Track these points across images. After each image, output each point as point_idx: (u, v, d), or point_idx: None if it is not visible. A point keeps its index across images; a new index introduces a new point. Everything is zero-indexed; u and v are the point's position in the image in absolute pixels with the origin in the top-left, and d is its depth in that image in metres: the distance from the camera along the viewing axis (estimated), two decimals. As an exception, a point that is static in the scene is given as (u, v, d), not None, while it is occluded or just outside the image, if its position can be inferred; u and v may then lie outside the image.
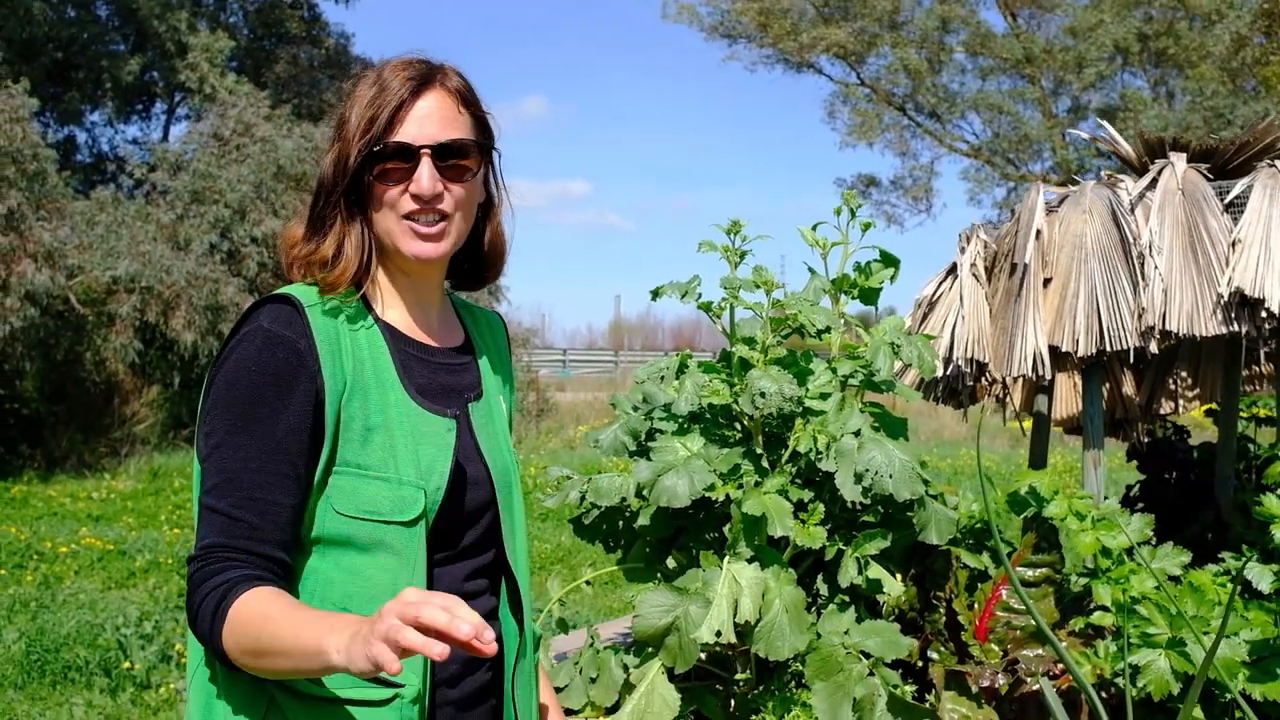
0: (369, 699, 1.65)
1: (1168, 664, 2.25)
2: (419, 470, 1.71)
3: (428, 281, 1.87)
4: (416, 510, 1.70)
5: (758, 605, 2.24)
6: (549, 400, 21.97)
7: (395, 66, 1.77)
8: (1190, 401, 4.15)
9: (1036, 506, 2.66)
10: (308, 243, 1.78)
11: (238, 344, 1.67)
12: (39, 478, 14.12)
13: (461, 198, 1.79)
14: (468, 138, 1.79)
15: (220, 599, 1.55)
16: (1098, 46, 24.96)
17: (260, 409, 1.62)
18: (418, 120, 1.74)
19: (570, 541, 10.07)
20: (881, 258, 2.65)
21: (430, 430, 1.75)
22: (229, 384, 1.64)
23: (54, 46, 20.72)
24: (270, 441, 1.62)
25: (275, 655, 1.50)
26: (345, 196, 1.75)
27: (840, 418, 2.40)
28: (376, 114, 1.72)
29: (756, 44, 28.22)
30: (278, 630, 1.49)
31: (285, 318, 1.67)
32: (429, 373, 1.83)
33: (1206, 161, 3.11)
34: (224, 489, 1.61)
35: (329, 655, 1.41)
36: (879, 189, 29.69)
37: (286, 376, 1.64)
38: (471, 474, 1.82)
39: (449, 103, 1.78)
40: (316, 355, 1.65)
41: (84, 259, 14.88)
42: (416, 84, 1.75)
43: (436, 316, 1.91)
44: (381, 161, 1.73)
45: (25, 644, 6.48)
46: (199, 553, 1.60)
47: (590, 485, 2.54)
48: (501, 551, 1.89)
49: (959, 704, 2.29)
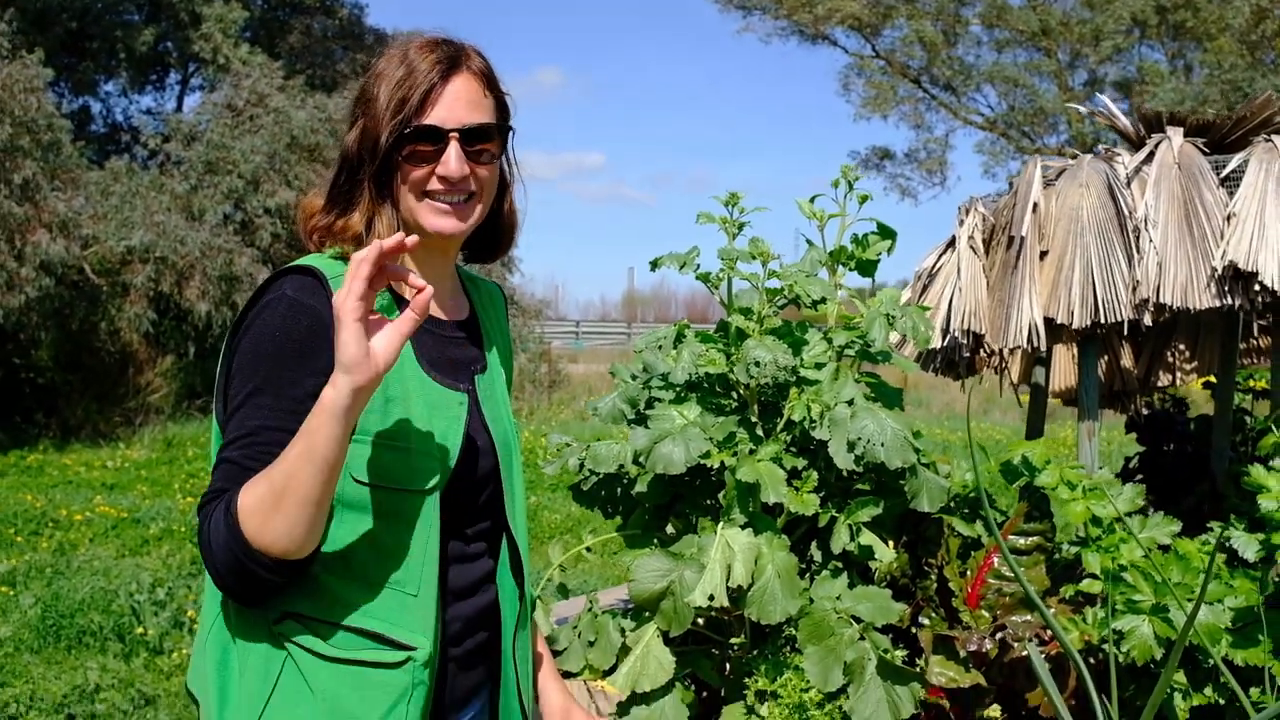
0: (384, 660, 1.70)
1: (1151, 629, 2.29)
2: (434, 442, 1.76)
3: (443, 257, 1.92)
4: (432, 480, 1.75)
5: (750, 570, 2.28)
6: (561, 371, 22.03)
7: (421, 48, 1.81)
8: (1188, 374, 4.17)
9: (1029, 476, 2.69)
10: (327, 214, 1.83)
11: (261, 310, 1.71)
12: (54, 446, 14.24)
13: (485, 179, 1.85)
14: (492, 122, 1.84)
15: (225, 504, 1.60)
16: (1115, 19, 24.80)
17: (283, 373, 1.67)
18: (447, 104, 1.79)
19: (579, 512, 10.13)
20: (879, 230, 2.68)
21: (443, 403, 1.81)
22: (253, 349, 1.69)
23: (68, 16, 20.75)
24: (290, 403, 1.66)
25: (297, 480, 1.56)
26: (374, 175, 1.80)
27: (834, 387, 2.44)
28: (408, 96, 1.76)
29: (771, 15, 28.11)
30: (279, 466, 1.57)
31: (309, 287, 1.72)
32: (439, 346, 1.88)
33: (1203, 136, 3.13)
34: (239, 443, 1.65)
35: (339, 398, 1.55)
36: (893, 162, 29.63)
37: (310, 343, 1.68)
38: (480, 444, 1.87)
39: (475, 86, 1.82)
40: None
41: (98, 229, 14.96)
42: (446, 67, 1.79)
43: (448, 291, 1.96)
44: (412, 143, 1.78)
45: (41, 609, 6.58)
46: (207, 499, 1.65)
47: (589, 452, 2.59)
48: (502, 516, 1.94)
49: (947, 667, 2.34)
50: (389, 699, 1.70)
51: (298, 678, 1.69)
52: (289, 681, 1.69)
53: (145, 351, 16.71)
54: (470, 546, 1.89)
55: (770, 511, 2.42)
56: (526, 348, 20.48)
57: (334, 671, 1.69)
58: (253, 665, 1.70)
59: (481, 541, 1.92)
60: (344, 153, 1.83)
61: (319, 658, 1.69)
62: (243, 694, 1.70)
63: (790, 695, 2.27)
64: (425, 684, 1.73)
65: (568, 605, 3.04)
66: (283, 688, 1.69)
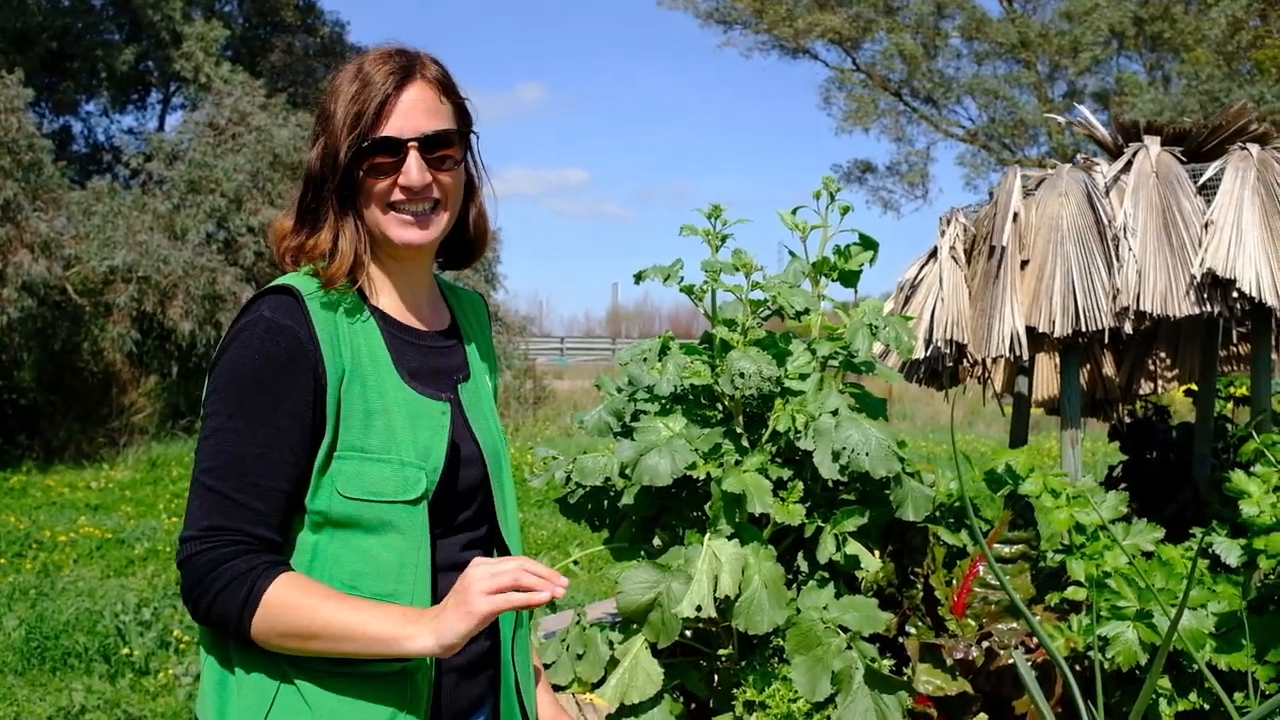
0: (380, 672, 1.71)
1: (1135, 635, 2.31)
2: (418, 451, 1.77)
3: (418, 266, 1.93)
4: (419, 490, 1.76)
5: (737, 581, 2.29)
6: (546, 388, 22.02)
7: (375, 60, 1.82)
8: (1170, 382, 4.20)
9: (1013, 484, 2.71)
10: (298, 235, 1.83)
11: (239, 332, 1.71)
12: (38, 468, 14.16)
13: (449, 185, 1.85)
14: (451, 127, 1.84)
15: (249, 585, 1.63)
16: (1093, 30, 24.95)
17: (263, 396, 1.67)
18: (403, 114, 1.79)
19: (566, 528, 10.13)
20: (860, 241, 2.69)
21: (426, 413, 1.81)
22: (231, 371, 1.69)
23: (48, 36, 20.70)
24: (273, 428, 1.67)
25: (328, 639, 1.63)
26: (336, 191, 1.80)
27: (818, 398, 2.45)
28: (363, 109, 1.77)
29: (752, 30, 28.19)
30: (332, 617, 1.63)
31: (286, 308, 1.72)
32: (420, 357, 1.88)
33: (1180, 145, 3.16)
34: (225, 471, 1.65)
35: (403, 644, 1.62)
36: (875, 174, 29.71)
37: (288, 365, 1.68)
38: (465, 453, 1.87)
39: (431, 94, 1.83)
40: (317, 344, 1.70)
41: (81, 249, 14.90)
42: (399, 77, 1.80)
43: (425, 301, 1.96)
44: (371, 156, 1.78)
45: (25, 631, 6.53)
46: (201, 533, 1.65)
47: (575, 465, 2.60)
48: (495, 525, 1.95)
49: (934, 675, 2.35)
50: (387, 711, 1.71)
51: (295, 694, 1.69)
52: (286, 699, 1.69)
53: (129, 371, 16.64)
54: (465, 554, 1.89)
55: (757, 522, 2.43)
56: (511, 364, 20.46)
57: (331, 687, 1.69)
58: (250, 684, 1.71)
59: (477, 549, 1.93)
60: (308, 171, 1.84)
61: (315, 674, 1.69)
62: (241, 711, 1.70)
63: (778, 705, 2.28)
64: (423, 695, 1.74)
65: (556, 619, 3.05)
66: (280, 704, 1.69)
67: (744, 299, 2.55)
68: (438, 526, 1.82)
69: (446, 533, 1.85)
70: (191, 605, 1.66)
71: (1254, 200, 2.88)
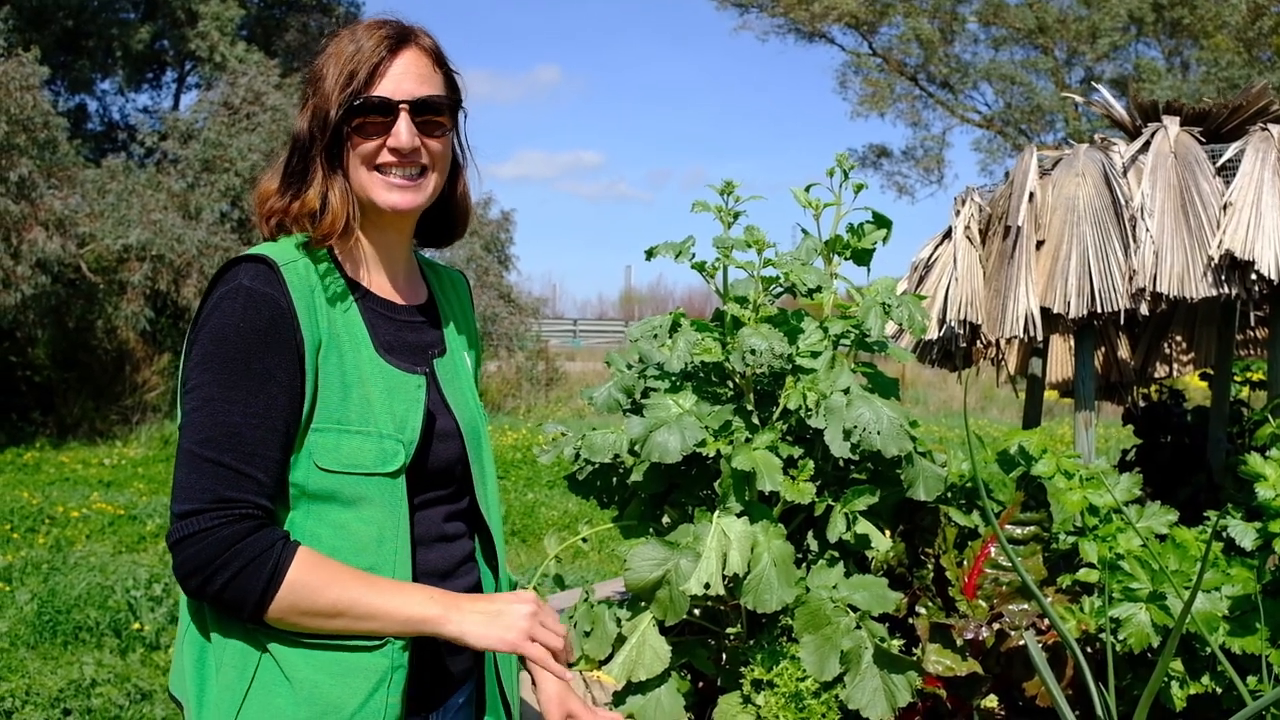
0: (361, 644, 1.70)
1: (1148, 617, 2.29)
2: (395, 424, 1.76)
3: (397, 238, 1.92)
4: (398, 462, 1.75)
5: (746, 559, 2.27)
6: (559, 370, 22.04)
7: (369, 26, 1.83)
8: (1185, 366, 4.16)
9: (1025, 465, 2.69)
10: (282, 197, 1.83)
11: (220, 301, 1.70)
12: (51, 444, 14.24)
13: (437, 152, 1.85)
14: (443, 94, 1.84)
15: (273, 564, 1.62)
16: (1112, 16, 24.80)
17: (253, 365, 1.66)
18: (395, 77, 1.80)
19: (576, 508, 10.14)
20: (874, 219, 2.67)
21: (400, 386, 1.80)
22: (216, 340, 1.67)
23: (64, 14, 20.71)
24: (266, 398, 1.66)
25: (357, 618, 1.66)
26: (325, 150, 1.80)
27: (830, 376, 2.43)
28: (356, 69, 1.78)
29: (768, 13, 28.07)
30: (361, 598, 1.66)
31: (264, 276, 1.71)
32: (395, 330, 1.87)
33: (1199, 125, 3.12)
34: (224, 443, 1.64)
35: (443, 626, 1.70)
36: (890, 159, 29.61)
37: (273, 335, 1.68)
38: (442, 427, 1.87)
39: (424, 60, 1.84)
40: (295, 313, 1.70)
41: (95, 227, 14.95)
42: (393, 42, 1.81)
43: (403, 275, 1.95)
44: (361, 115, 1.78)
45: (37, 605, 6.57)
46: (208, 506, 1.62)
47: (584, 441, 2.58)
48: (475, 500, 1.94)
49: (944, 656, 2.33)
50: (369, 683, 1.69)
51: (275, 669, 1.68)
52: (266, 674, 1.68)
53: (142, 349, 16.72)
54: (448, 526, 1.89)
55: (766, 500, 2.41)
56: (524, 346, 20.47)
57: (311, 659, 1.68)
58: (229, 660, 1.69)
59: (459, 522, 1.93)
60: (295, 134, 1.85)
61: (296, 647, 1.68)
62: (221, 689, 1.69)
63: (786, 684, 2.27)
64: (404, 667, 1.72)
65: (564, 597, 3.04)
66: (260, 680, 1.68)
67: (756, 276, 2.53)
68: (416, 500, 1.81)
69: (426, 504, 1.85)
70: (199, 583, 1.62)
71: (1274, 181, 2.85)
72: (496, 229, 20.67)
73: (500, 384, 20.37)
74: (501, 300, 19.82)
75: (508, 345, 19.94)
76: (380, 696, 1.69)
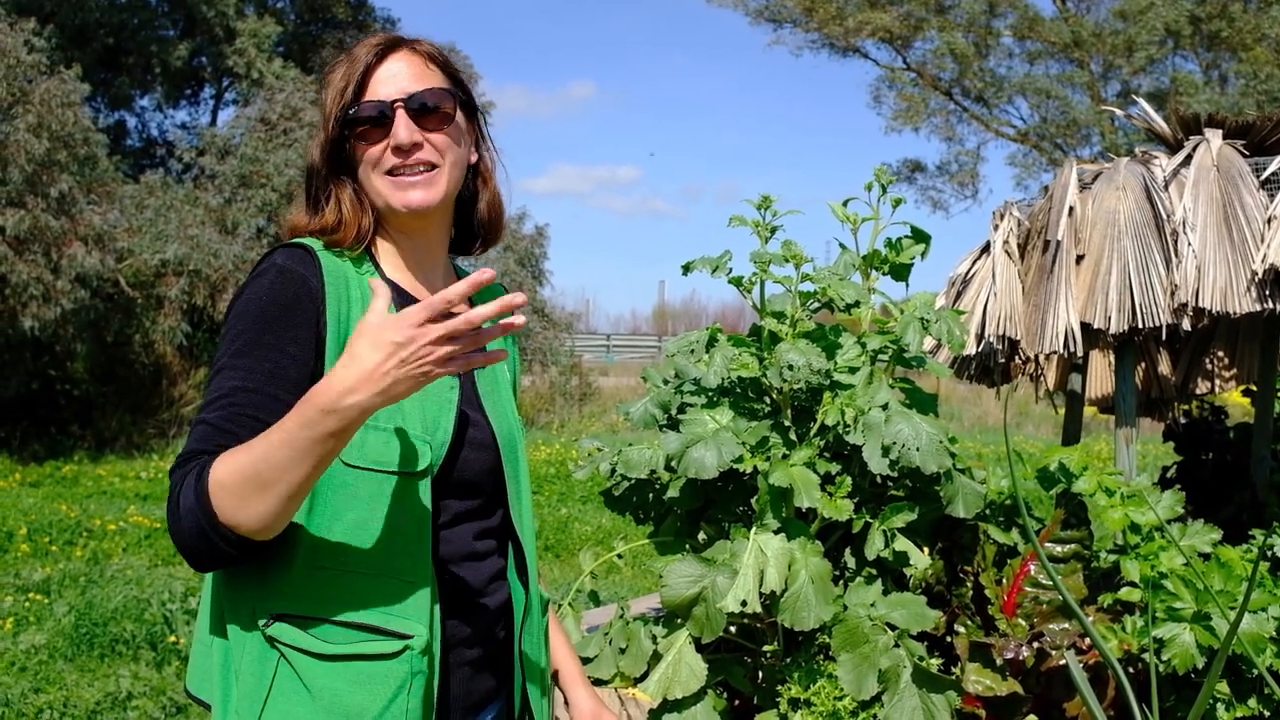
0: (380, 652, 1.68)
1: (1193, 638, 2.25)
2: (425, 424, 1.74)
3: (427, 240, 1.91)
4: (424, 462, 1.73)
5: (783, 576, 2.26)
6: (592, 385, 22.03)
7: (362, 42, 1.86)
8: (1227, 382, 4.11)
9: (1066, 482, 2.66)
10: (309, 223, 1.85)
11: (252, 280, 1.72)
12: (89, 457, 14.36)
13: (444, 144, 1.84)
14: (439, 86, 1.84)
15: (198, 472, 1.56)
16: (1148, 30, 24.60)
17: (265, 335, 1.66)
18: (386, 80, 1.81)
19: (609, 523, 10.12)
20: (913, 234, 2.65)
21: (433, 387, 1.78)
22: (239, 314, 1.69)
23: (105, 32, 20.95)
24: (270, 365, 1.65)
25: (279, 469, 1.51)
26: (334, 170, 1.81)
27: (868, 391, 2.41)
28: (347, 83, 1.79)
29: (802, 28, 28.02)
30: (266, 451, 1.51)
31: (299, 258, 1.73)
32: None
33: (1243, 138, 3.09)
34: (216, 404, 1.63)
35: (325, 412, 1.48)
36: (924, 174, 29.47)
37: (294, 308, 1.68)
38: (477, 436, 1.85)
39: (416, 60, 1.85)
40: (324, 295, 1.70)
41: (133, 242, 15.09)
42: (383, 49, 1.84)
43: (439, 279, 1.95)
44: (359, 124, 1.79)
45: (75, 617, 6.61)
46: (178, 462, 1.61)
47: (620, 457, 2.57)
48: (507, 515, 1.92)
49: (983, 675, 2.30)
50: (388, 691, 1.67)
51: (293, 678, 1.67)
52: (285, 682, 1.67)
53: (179, 364, 16.85)
54: (478, 544, 1.87)
55: (804, 517, 2.39)
56: (557, 361, 20.49)
57: (330, 669, 1.67)
58: (247, 668, 1.68)
59: (490, 539, 1.90)
60: (309, 165, 1.86)
61: (313, 656, 1.66)
62: (241, 697, 1.68)
63: (824, 703, 2.24)
64: (424, 673, 1.70)
65: (599, 613, 3.02)
66: (279, 688, 1.67)
67: (793, 291, 2.51)
68: (446, 511, 1.79)
69: (456, 519, 1.82)
70: (172, 534, 1.58)
71: (1319, 195, 2.81)
72: (531, 244, 20.72)
73: (534, 399, 20.39)
74: (535, 315, 19.86)
75: (541, 360, 19.98)
76: (400, 702, 1.68)
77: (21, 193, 13.38)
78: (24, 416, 14.97)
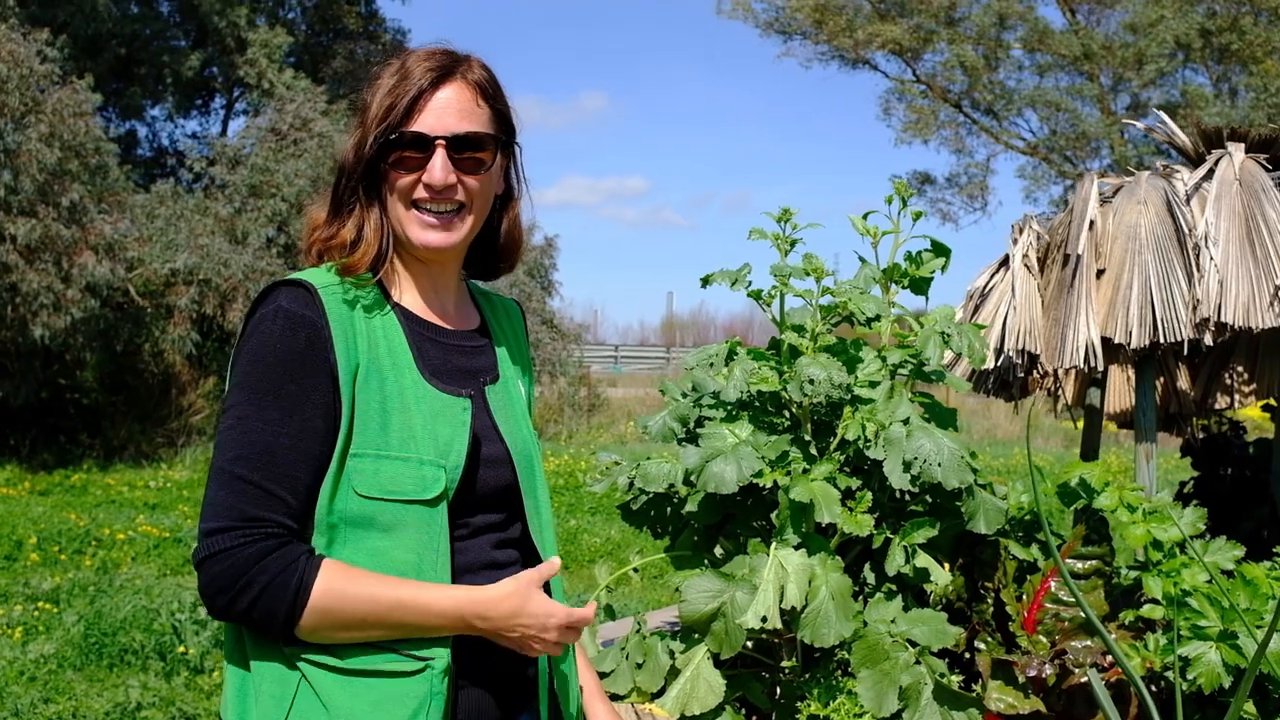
0: (401, 670, 1.67)
1: (1219, 656, 2.23)
2: (438, 449, 1.73)
3: (443, 268, 1.90)
4: (438, 489, 1.72)
5: (804, 592, 2.24)
6: (600, 396, 22.02)
7: (419, 56, 1.80)
8: (1247, 397, 4.08)
9: (1087, 498, 2.64)
10: (329, 226, 1.83)
11: (259, 323, 1.69)
12: (98, 466, 14.36)
13: (475, 189, 1.82)
14: (484, 131, 1.81)
15: (298, 577, 1.60)
16: (1158, 43, 24.57)
17: (288, 386, 1.65)
18: (435, 111, 1.77)
19: (620, 535, 10.10)
20: (933, 247, 2.64)
21: (446, 410, 1.78)
22: (253, 360, 1.67)
23: (117, 43, 21.01)
24: (300, 420, 1.65)
25: (391, 628, 1.66)
26: (363, 182, 1.78)
27: (889, 406, 2.40)
28: (395, 102, 1.76)
29: (812, 40, 28.01)
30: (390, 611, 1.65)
31: (302, 299, 1.70)
32: (443, 354, 1.85)
33: (1265, 152, 3.07)
34: (255, 461, 1.63)
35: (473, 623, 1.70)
36: (934, 186, 29.41)
37: (310, 357, 1.67)
38: (491, 453, 1.84)
39: (468, 95, 1.80)
40: (331, 337, 1.69)
41: (143, 251, 15.10)
42: (437, 75, 1.78)
43: (452, 302, 1.94)
44: (398, 150, 1.76)
45: (84, 627, 6.60)
46: (238, 524, 1.61)
47: (638, 471, 2.55)
48: (527, 531, 1.91)
49: (1005, 693, 2.28)
50: (406, 710, 1.66)
51: (313, 698, 1.66)
52: (304, 703, 1.66)
53: (188, 373, 16.85)
54: (498, 554, 1.86)
55: (824, 532, 2.38)
56: (566, 372, 20.47)
57: (349, 687, 1.66)
58: (267, 690, 1.67)
59: (510, 549, 1.89)
60: (341, 162, 1.83)
61: (334, 673, 1.66)
62: (260, 718, 1.67)
63: (844, 720, 2.22)
64: (443, 694, 1.69)
65: (614, 627, 3.00)
66: (298, 709, 1.66)
67: (814, 304, 2.50)
68: (463, 528, 1.78)
69: (475, 533, 1.81)
70: (225, 602, 1.61)
71: (1342, 210, 2.79)
72: (540, 255, 20.73)
73: (542, 410, 20.38)
74: (544, 326, 19.85)
75: (550, 371, 19.96)
76: None
77: (33, 202, 13.40)
78: (33, 425, 14.98)
